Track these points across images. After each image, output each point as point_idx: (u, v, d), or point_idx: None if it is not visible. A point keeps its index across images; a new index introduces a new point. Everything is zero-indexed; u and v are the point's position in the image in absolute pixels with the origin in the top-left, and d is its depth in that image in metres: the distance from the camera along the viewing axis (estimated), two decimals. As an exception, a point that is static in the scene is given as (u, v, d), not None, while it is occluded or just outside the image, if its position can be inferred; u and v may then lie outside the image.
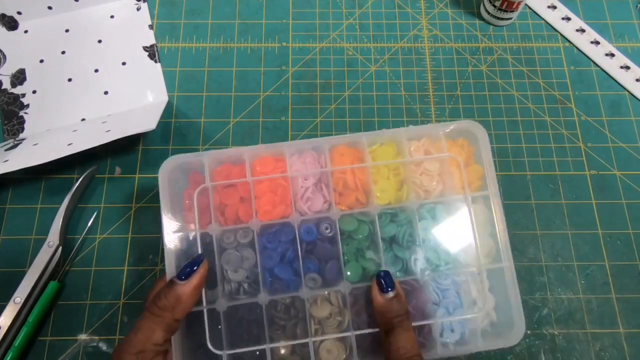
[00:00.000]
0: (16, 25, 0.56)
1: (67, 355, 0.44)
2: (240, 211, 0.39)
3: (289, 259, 0.38)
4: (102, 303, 0.46)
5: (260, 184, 0.39)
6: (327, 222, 0.39)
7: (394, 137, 0.41)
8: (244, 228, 0.38)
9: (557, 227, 0.50)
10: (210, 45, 0.57)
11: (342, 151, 0.40)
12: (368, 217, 0.39)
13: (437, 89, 0.55)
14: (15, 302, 0.43)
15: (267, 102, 0.54)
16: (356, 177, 0.40)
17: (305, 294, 0.37)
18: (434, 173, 0.41)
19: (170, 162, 0.38)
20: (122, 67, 0.55)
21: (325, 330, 0.37)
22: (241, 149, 0.39)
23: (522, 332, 0.37)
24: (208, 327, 0.36)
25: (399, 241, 0.39)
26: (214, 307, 0.36)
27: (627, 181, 0.51)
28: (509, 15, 0.56)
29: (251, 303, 0.36)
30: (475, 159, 0.41)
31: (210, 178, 0.38)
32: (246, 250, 0.38)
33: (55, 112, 0.53)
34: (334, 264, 0.38)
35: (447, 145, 0.41)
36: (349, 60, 0.56)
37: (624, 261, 0.48)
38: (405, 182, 0.40)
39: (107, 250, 0.48)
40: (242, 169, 0.39)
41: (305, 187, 0.40)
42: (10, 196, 0.50)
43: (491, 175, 0.40)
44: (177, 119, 0.53)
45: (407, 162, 0.40)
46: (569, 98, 0.55)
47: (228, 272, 0.37)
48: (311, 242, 0.38)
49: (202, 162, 0.39)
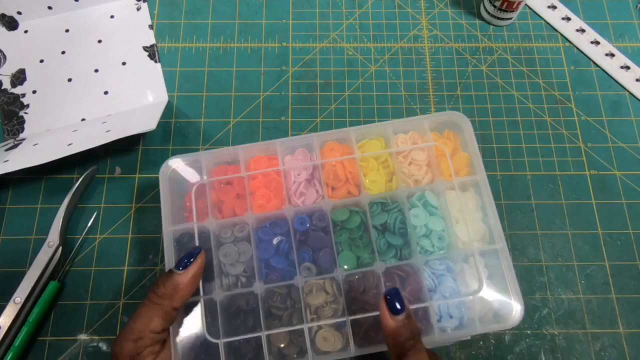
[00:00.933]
0: (16, 25, 0.56)
1: (67, 355, 0.44)
2: (237, 207, 0.40)
3: (283, 250, 0.39)
4: (102, 303, 0.46)
5: (255, 180, 0.41)
6: (319, 213, 0.39)
7: (381, 131, 0.42)
8: (240, 222, 0.39)
9: (557, 227, 0.50)
10: (210, 45, 0.57)
11: (332, 146, 0.42)
12: (359, 207, 0.40)
13: (437, 89, 0.55)
14: (15, 302, 0.43)
15: (267, 102, 0.54)
16: (346, 169, 0.41)
17: (300, 282, 0.37)
18: (423, 163, 0.42)
19: (170, 163, 0.40)
20: (122, 67, 0.55)
21: (321, 318, 0.37)
22: (236, 147, 0.41)
23: (520, 314, 0.36)
24: (205, 316, 0.36)
25: (391, 229, 0.39)
26: (211, 297, 0.37)
27: (627, 181, 0.51)
28: (509, 15, 0.56)
29: (248, 293, 0.37)
30: (463, 149, 0.42)
31: (208, 176, 0.40)
32: (243, 244, 0.39)
33: (55, 112, 0.53)
34: (328, 252, 0.38)
35: (434, 138, 0.42)
36: (349, 60, 0.56)
37: (624, 261, 0.48)
38: (395, 173, 0.41)
39: (107, 250, 0.48)
40: (237, 169, 0.41)
41: (298, 182, 0.41)
42: (10, 196, 0.50)
43: (478, 162, 0.41)
44: (177, 119, 0.53)
45: (394, 152, 0.41)
46: (569, 98, 0.55)
47: (226, 266, 0.38)
48: (304, 232, 0.39)
49: (200, 160, 0.40)
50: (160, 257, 0.47)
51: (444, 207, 0.40)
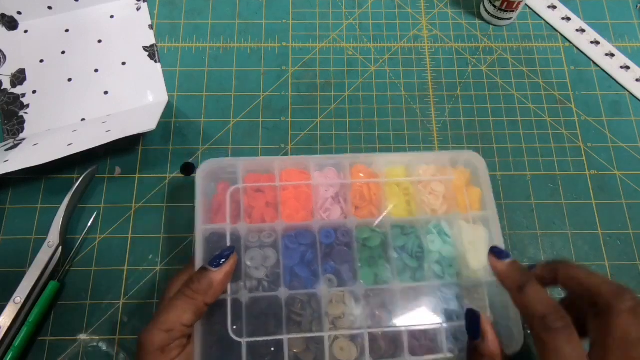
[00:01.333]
0: (16, 25, 0.56)
1: (67, 355, 0.44)
2: (266, 214, 0.42)
3: (308, 260, 0.41)
4: (102, 303, 0.46)
5: (286, 191, 0.43)
6: (344, 229, 0.42)
7: (405, 160, 0.46)
8: (268, 229, 0.41)
9: (557, 227, 0.50)
10: (210, 45, 0.57)
11: (360, 169, 0.45)
12: (381, 228, 0.43)
13: (437, 89, 0.55)
14: (15, 302, 0.43)
15: (267, 102, 0.54)
16: (371, 191, 0.44)
17: (322, 291, 0.39)
18: (440, 194, 0.45)
19: (208, 164, 0.42)
20: (122, 67, 0.55)
21: (337, 328, 0.39)
22: (272, 158, 0.44)
23: (519, 344, 0.38)
24: (231, 315, 0.37)
25: (409, 252, 0.42)
26: (237, 297, 0.38)
27: (627, 181, 0.51)
28: (509, 15, 0.56)
29: (271, 297, 0.39)
30: (473, 183, 0.45)
31: (242, 181, 0.42)
32: (269, 249, 0.41)
33: (55, 112, 0.53)
34: (350, 267, 0.41)
35: (450, 171, 0.45)
36: (349, 60, 0.56)
37: (624, 261, 0.48)
38: (415, 201, 0.44)
39: (107, 250, 0.48)
40: (268, 178, 0.43)
41: (325, 198, 0.44)
42: (10, 196, 0.50)
43: (490, 199, 0.43)
44: (177, 119, 0.53)
45: (416, 180, 0.44)
46: (569, 98, 0.55)
47: (250, 269, 0.40)
48: (329, 245, 0.41)
49: (236, 165, 0.43)
50: (161, 257, 0.47)
51: (457, 236, 0.43)
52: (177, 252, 0.48)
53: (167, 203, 0.49)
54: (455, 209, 0.44)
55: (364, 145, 0.52)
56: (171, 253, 0.48)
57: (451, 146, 0.53)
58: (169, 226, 0.49)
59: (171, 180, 0.50)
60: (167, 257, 0.48)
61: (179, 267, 0.47)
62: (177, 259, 0.47)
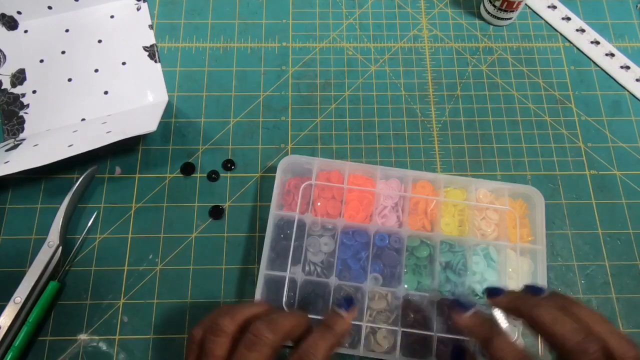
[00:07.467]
0: (16, 25, 0.56)
1: (67, 355, 0.44)
2: (330, 210, 0.47)
3: (359, 257, 0.46)
4: (102, 303, 0.46)
5: (351, 193, 0.48)
6: (397, 236, 0.46)
7: (466, 184, 0.49)
8: (330, 223, 0.47)
9: (557, 227, 0.50)
10: (210, 45, 0.57)
11: (423, 184, 0.49)
12: (431, 241, 0.46)
13: (437, 89, 0.55)
14: (15, 302, 0.43)
15: (267, 102, 0.54)
16: (428, 206, 0.48)
17: (368, 287, 0.44)
18: (493, 222, 0.48)
19: (287, 160, 0.48)
20: (122, 67, 0.55)
21: (376, 322, 0.44)
22: (344, 162, 0.49)
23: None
24: (287, 290, 0.43)
25: (453, 267, 0.45)
26: (293, 277, 0.44)
27: (627, 181, 0.51)
28: (509, 15, 0.56)
29: (323, 282, 0.44)
30: (528, 217, 0.48)
31: (316, 178, 0.48)
32: (328, 239, 0.46)
33: (55, 112, 0.53)
34: (396, 271, 0.45)
35: (508, 202, 0.48)
36: (349, 60, 0.56)
37: (624, 261, 0.48)
38: (467, 223, 0.47)
39: (107, 250, 0.48)
40: (337, 178, 0.48)
41: (384, 206, 0.48)
42: (10, 196, 0.50)
43: (541, 234, 0.46)
44: (177, 119, 0.53)
45: (474, 205, 0.48)
46: (569, 98, 0.55)
47: (309, 253, 0.46)
48: (381, 248, 0.46)
49: (313, 163, 0.48)
50: (161, 257, 0.47)
51: (502, 263, 0.46)
52: (177, 252, 0.48)
53: (167, 203, 0.49)
54: (505, 238, 0.46)
55: (364, 145, 0.52)
56: (171, 253, 0.48)
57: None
58: (169, 226, 0.49)
59: (171, 180, 0.50)
60: (167, 257, 0.48)
61: (179, 267, 0.47)
62: (177, 259, 0.47)
